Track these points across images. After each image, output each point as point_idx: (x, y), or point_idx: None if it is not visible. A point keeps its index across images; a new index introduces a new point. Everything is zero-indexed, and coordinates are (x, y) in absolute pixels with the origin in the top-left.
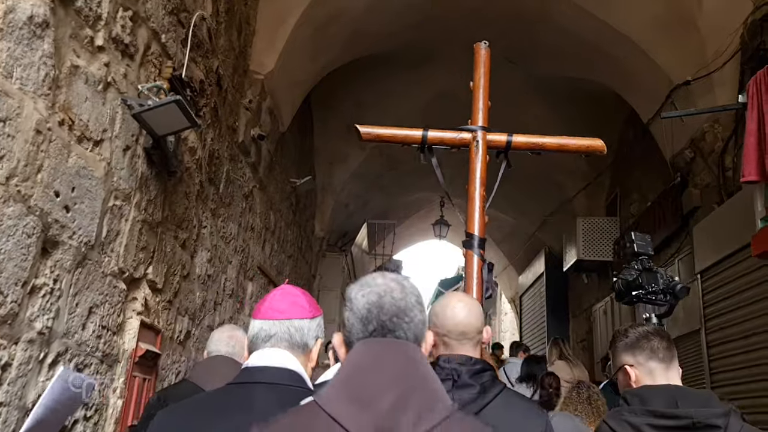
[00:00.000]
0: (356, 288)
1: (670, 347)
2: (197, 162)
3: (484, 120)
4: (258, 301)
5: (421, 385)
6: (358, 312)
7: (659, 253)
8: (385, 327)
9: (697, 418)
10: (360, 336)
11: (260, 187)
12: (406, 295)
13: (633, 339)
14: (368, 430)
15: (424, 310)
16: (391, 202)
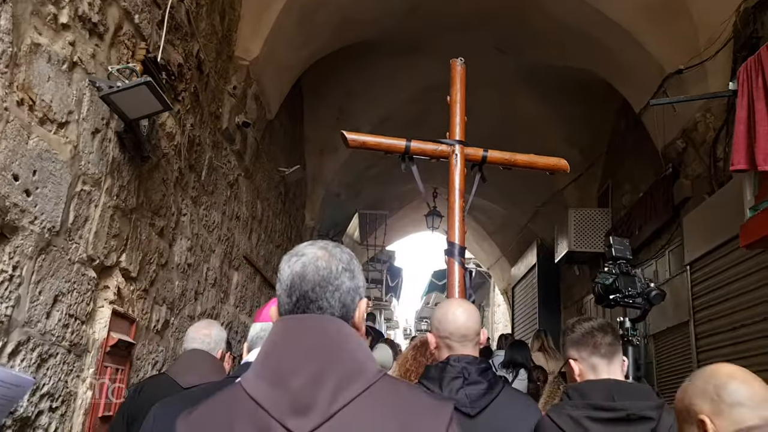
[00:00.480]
0: (285, 258)
1: (613, 343)
2: (176, 148)
3: (461, 134)
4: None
5: (340, 357)
6: (283, 283)
7: (650, 245)
8: (307, 297)
9: (631, 411)
10: (286, 307)
11: (246, 175)
12: (331, 263)
13: (578, 335)
14: (285, 409)
15: (355, 276)
16: (383, 192)
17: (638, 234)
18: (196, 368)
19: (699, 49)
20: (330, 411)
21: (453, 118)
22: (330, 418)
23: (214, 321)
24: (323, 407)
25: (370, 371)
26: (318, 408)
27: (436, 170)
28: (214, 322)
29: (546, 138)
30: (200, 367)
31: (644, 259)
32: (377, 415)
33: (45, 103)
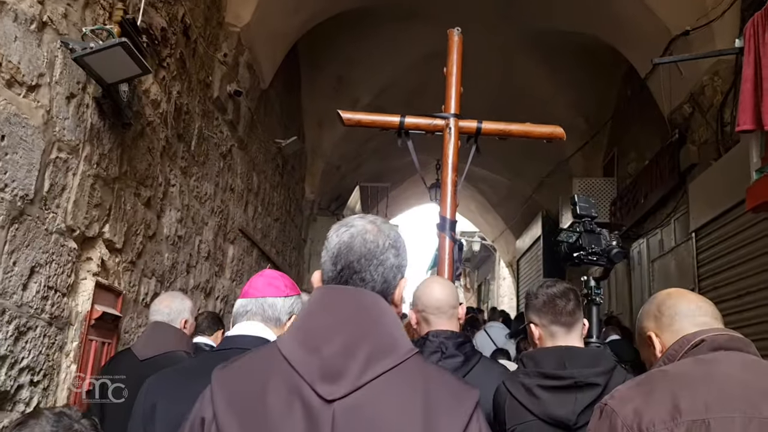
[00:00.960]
0: (334, 228)
1: (574, 311)
2: (162, 116)
3: (456, 107)
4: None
5: (374, 331)
6: (330, 251)
7: (655, 213)
8: (351, 267)
9: (578, 378)
10: (329, 274)
11: (240, 146)
12: (378, 238)
13: (540, 302)
14: (316, 374)
15: (400, 254)
16: (384, 164)
17: (644, 202)
18: (154, 340)
19: (706, 9)
20: (359, 381)
21: (448, 90)
22: (359, 388)
23: (177, 293)
24: (353, 377)
25: (402, 348)
26: (348, 377)
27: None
28: (177, 294)
29: (551, 106)
30: (157, 339)
31: (650, 228)
32: (404, 392)
33: (12, 64)
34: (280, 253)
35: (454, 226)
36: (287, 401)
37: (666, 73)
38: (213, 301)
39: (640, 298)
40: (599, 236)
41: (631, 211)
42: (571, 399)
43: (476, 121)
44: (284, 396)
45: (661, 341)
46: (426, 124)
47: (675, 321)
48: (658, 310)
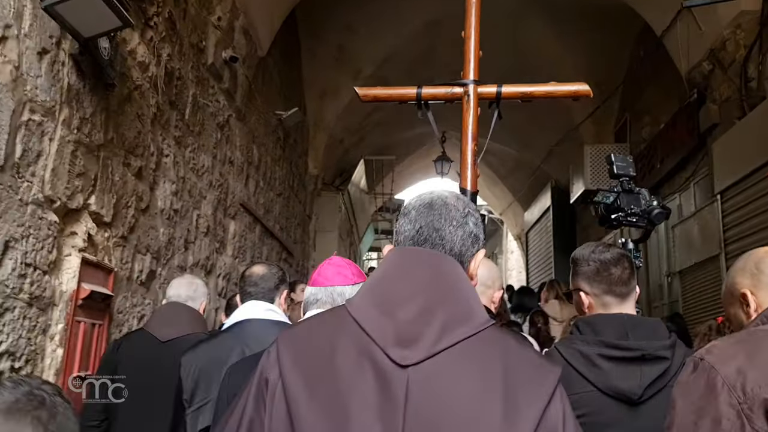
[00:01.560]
0: (413, 198)
1: (629, 281)
2: (151, 80)
3: (475, 73)
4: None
5: (451, 297)
6: (408, 214)
7: (673, 178)
8: (431, 225)
9: (647, 351)
10: (406, 234)
11: (239, 117)
12: (458, 203)
13: (593, 270)
14: (390, 338)
15: (479, 225)
16: (389, 138)
17: (660, 167)
18: (175, 321)
19: None
20: (435, 348)
21: (467, 55)
22: (434, 355)
23: (196, 277)
24: (428, 343)
25: (479, 317)
26: (423, 343)
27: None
28: (197, 278)
29: (559, 70)
30: (178, 320)
31: (667, 193)
32: (481, 362)
33: None
34: (284, 230)
35: (475, 198)
36: (357, 363)
37: (683, 30)
38: (214, 279)
39: (657, 266)
40: (638, 196)
41: (646, 176)
42: (636, 372)
43: (496, 86)
44: (354, 358)
45: (756, 300)
46: (444, 93)
47: None
48: (756, 267)
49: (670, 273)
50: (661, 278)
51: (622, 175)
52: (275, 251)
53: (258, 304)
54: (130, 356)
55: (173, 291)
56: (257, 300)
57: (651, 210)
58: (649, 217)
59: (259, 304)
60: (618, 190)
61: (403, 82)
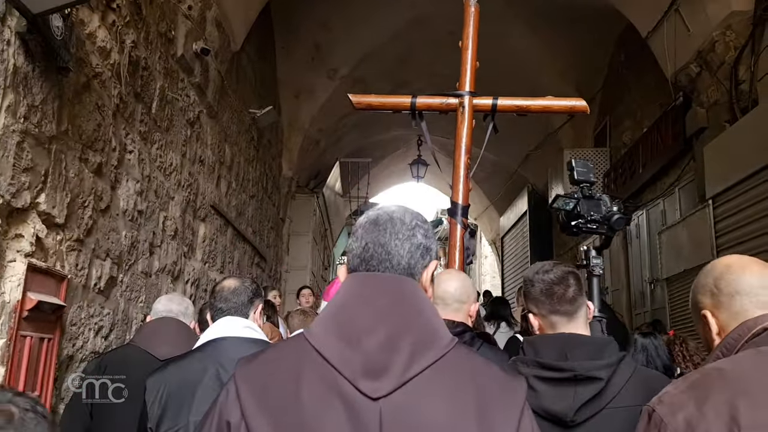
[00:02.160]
0: (363, 216)
1: (575, 297)
2: (113, 68)
3: (471, 84)
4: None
5: (415, 322)
6: (356, 232)
7: (655, 183)
8: (377, 241)
9: (578, 371)
10: (355, 251)
11: (210, 114)
12: (405, 216)
13: (537, 291)
14: (358, 370)
15: (428, 236)
16: (365, 140)
17: (642, 172)
18: (172, 338)
19: None
20: (405, 377)
21: (464, 66)
22: (404, 384)
23: (183, 295)
24: (398, 372)
25: (444, 338)
26: (392, 372)
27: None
28: (184, 296)
29: (538, 74)
30: (175, 337)
31: (650, 198)
32: (452, 387)
33: None
34: (257, 233)
35: (467, 211)
36: (326, 398)
37: (670, 32)
38: (182, 285)
39: (639, 272)
40: (599, 202)
41: (627, 182)
42: (569, 393)
43: (492, 98)
44: (321, 393)
45: (718, 322)
46: (439, 104)
47: (735, 300)
48: (716, 286)
49: (653, 280)
50: (643, 285)
51: (582, 181)
52: (247, 255)
53: (233, 320)
54: (122, 377)
55: (163, 306)
56: (231, 316)
57: (610, 216)
58: (609, 223)
59: (234, 320)
60: (578, 197)
61: (381, 83)
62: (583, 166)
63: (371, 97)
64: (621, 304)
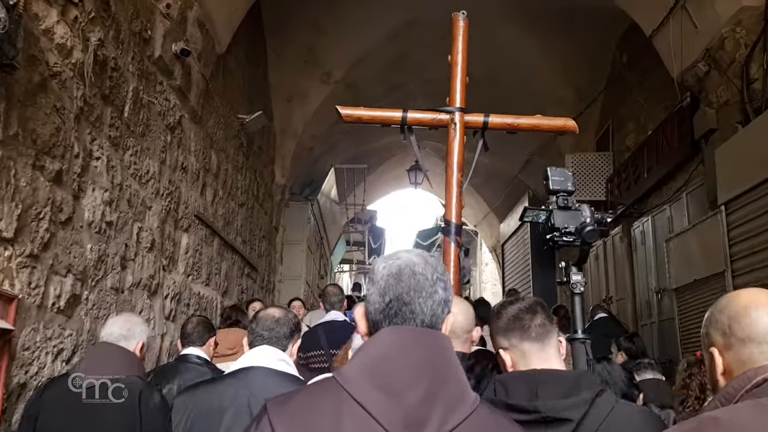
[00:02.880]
0: (380, 261)
1: (544, 324)
2: (75, 68)
3: (461, 100)
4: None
5: (449, 378)
6: (377, 283)
7: (661, 189)
8: (400, 299)
9: (546, 413)
10: (376, 306)
11: (194, 119)
12: (427, 270)
13: (504, 321)
14: (399, 422)
15: (447, 288)
16: (361, 146)
17: (647, 177)
18: (104, 364)
19: None
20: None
21: (453, 81)
22: None
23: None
24: (435, 426)
25: (471, 396)
26: (431, 426)
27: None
28: (134, 316)
29: (537, 77)
30: (108, 363)
31: (655, 204)
32: None
33: None
34: (246, 243)
35: (460, 230)
36: None
37: (676, 30)
38: (161, 301)
39: (644, 281)
40: (576, 213)
41: (631, 187)
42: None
43: (483, 115)
44: None
45: (725, 362)
46: (429, 120)
47: (745, 347)
48: (729, 326)
49: (661, 289)
50: (649, 295)
51: (558, 191)
52: (237, 266)
53: (270, 350)
54: (54, 403)
55: (105, 330)
56: (270, 346)
57: (583, 227)
58: (581, 234)
59: (271, 350)
60: (551, 208)
61: (374, 87)
62: (560, 174)
63: (360, 109)
64: (626, 315)
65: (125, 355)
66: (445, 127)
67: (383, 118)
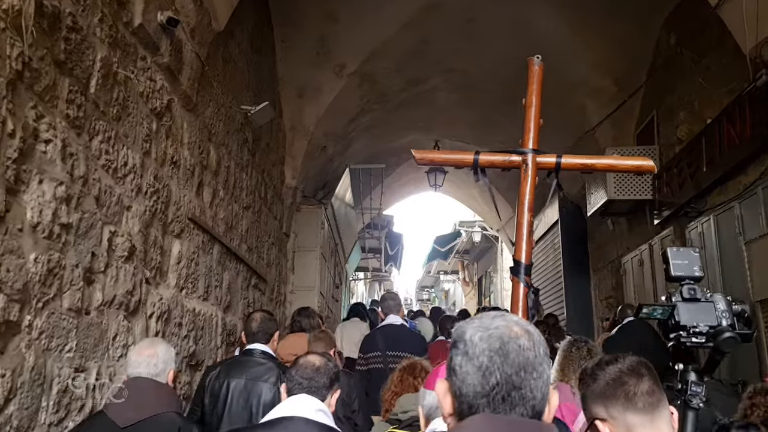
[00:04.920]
0: (472, 328)
1: (653, 390)
2: (8, 16)
3: (534, 142)
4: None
5: None
6: (476, 359)
7: (725, 184)
8: (510, 382)
9: None
10: (477, 389)
11: (186, 105)
12: (534, 345)
13: (602, 385)
14: None
15: (550, 362)
16: (378, 145)
17: (706, 171)
18: (136, 400)
19: None
20: None
21: (527, 124)
22: None
23: (159, 339)
24: None
25: None
26: None
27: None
28: (159, 340)
29: (572, 65)
30: (141, 399)
31: (718, 202)
32: None
33: None
34: (253, 251)
35: (530, 270)
36: None
37: None
38: (143, 321)
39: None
40: (709, 306)
41: (686, 183)
42: None
43: (555, 156)
44: None
45: None
46: (502, 161)
47: None
48: None
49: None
50: None
51: (682, 278)
52: (241, 277)
53: (309, 399)
54: None
55: (132, 368)
56: (308, 395)
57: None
58: (716, 342)
59: (310, 400)
60: (673, 302)
61: (393, 80)
62: (684, 256)
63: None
64: None
65: (158, 389)
66: (517, 169)
67: (456, 160)
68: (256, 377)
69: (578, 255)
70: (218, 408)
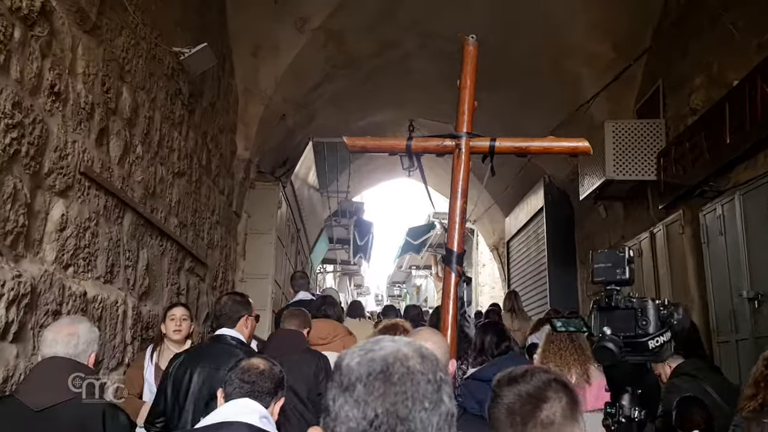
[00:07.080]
0: (350, 353)
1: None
2: None
3: (468, 125)
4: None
5: None
6: (349, 388)
7: (756, 156)
8: (394, 413)
9: None
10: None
11: (81, 24)
12: (426, 366)
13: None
14: None
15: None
16: (346, 121)
17: (730, 142)
18: (51, 382)
19: None
20: None
21: (461, 107)
22: None
23: (82, 318)
24: None
25: None
26: None
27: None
28: (82, 318)
29: (565, 29)
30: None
31: (745, 178)
32: None
33: None
34: (187, 227)
35: (462, 259)
36: None
37: None
38: None
39: (725, 283)
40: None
41: (700, 158)
42: None
43: (489, 139)
44: None
45: None
46: (435, 146)
47: None
48: None
49: (758, 295)
50: (733, 302)
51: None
52: (169, 257)
53: (252, 405)
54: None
55: (48, 348)
56: (251, 399)
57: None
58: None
59: (253, 405)
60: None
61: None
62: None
63: (365, 139)
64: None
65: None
66: (451, 154)
67: (389, 146)
68: (222, 365)
69: (564, 245)
70: (180, 399)
